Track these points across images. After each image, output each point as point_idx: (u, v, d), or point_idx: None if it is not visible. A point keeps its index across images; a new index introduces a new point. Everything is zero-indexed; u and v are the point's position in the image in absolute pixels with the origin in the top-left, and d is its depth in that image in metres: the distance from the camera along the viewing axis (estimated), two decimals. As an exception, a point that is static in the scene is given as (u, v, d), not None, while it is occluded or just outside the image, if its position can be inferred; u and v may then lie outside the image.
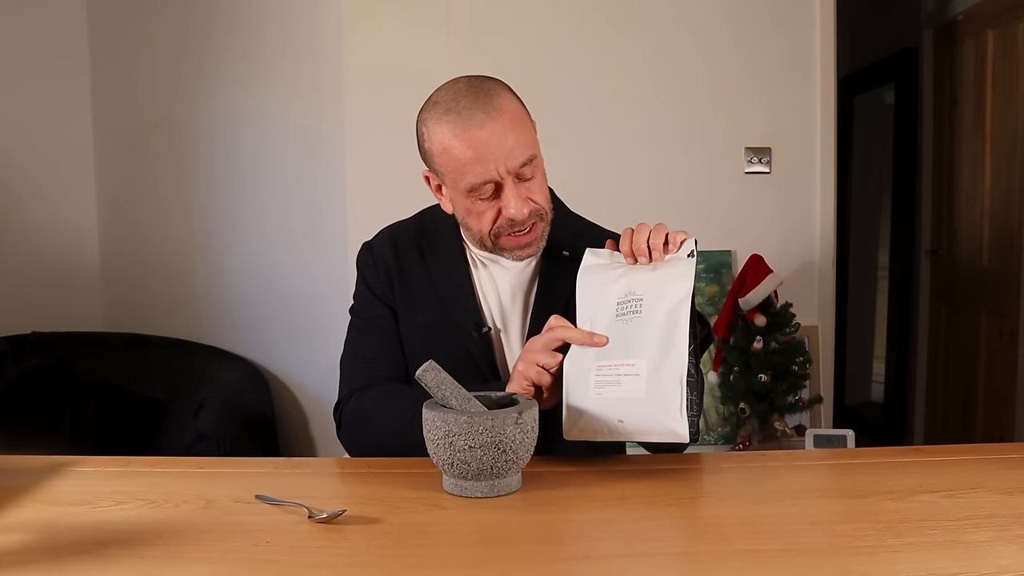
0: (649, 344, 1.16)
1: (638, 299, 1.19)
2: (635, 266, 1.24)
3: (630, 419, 1.14)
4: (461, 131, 1.23)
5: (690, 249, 1.22)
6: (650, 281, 1.20)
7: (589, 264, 1.28)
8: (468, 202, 1.29)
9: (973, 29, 3.50)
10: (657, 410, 1.13)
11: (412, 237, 1.45)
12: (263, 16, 3.09)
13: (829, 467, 1.28)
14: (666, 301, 1.17)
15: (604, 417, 1.16)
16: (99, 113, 3.48)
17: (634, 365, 1.15)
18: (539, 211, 1.31)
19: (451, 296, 1.38)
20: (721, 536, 0.97)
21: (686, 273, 1.19)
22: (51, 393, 3.02)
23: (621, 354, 1.17)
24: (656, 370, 1.14)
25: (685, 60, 2.90)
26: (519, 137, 1.25)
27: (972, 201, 3.53)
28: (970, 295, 3.57)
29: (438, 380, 1.13)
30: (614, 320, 1.20)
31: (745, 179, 2.93)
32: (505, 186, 1.26)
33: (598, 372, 1.17)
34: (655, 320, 1.17)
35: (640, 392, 1.14)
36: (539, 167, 1.30)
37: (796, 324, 2.77)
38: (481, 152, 1.23)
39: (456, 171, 1.26)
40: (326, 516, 1.00)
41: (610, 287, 1.22)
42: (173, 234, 3.36)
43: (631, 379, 1.15)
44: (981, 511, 1.02)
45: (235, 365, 3.05)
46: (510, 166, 1.24)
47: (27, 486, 1.15)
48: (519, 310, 1.39)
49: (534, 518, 1.04)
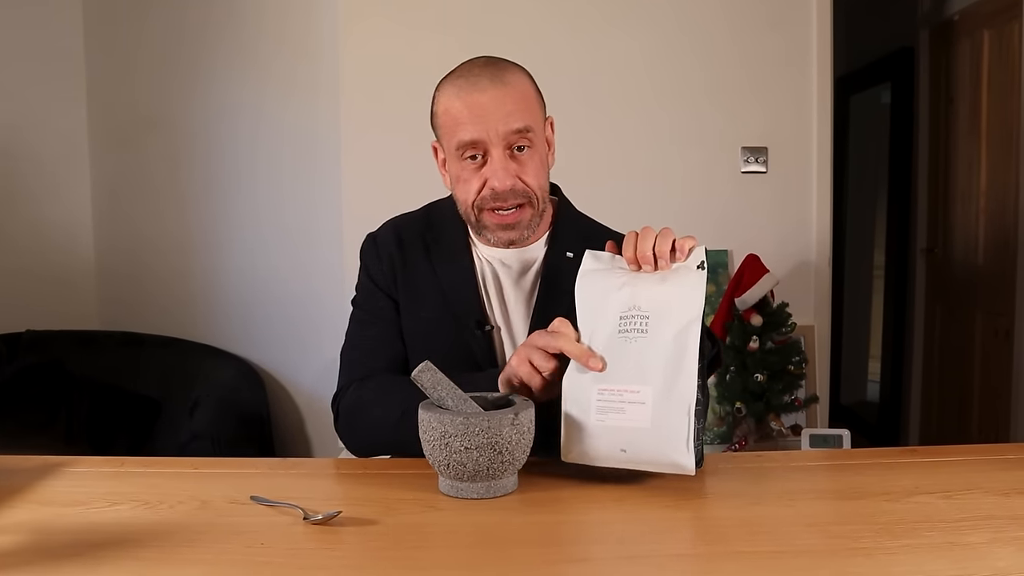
0: (656, 370, 1.10)
1: (643, 316, 1.12)
2: (639, 274, 1.17)
3: (633, 449, 1.10)
4: (464, 93, 1.26)
5: (700, 259, 1.15)
6: (657, 296, 1.13)
7: (589, 268, 1.21)
8: (458, 167, 1.30)
9: (969, 29, 3.50)
10: (662, 442, 1.08)
11: (418, 230, 1.44)
12: (260, 14, 3.08)
13: (826, 468, 1.28)
14: (675, 321, 1.11)
15: (606, 444, 1.11)
16: (94, 110, 3.47)
17: (639, 392, 1.10)
18: (526, 192, 1.30)
19: (454, 291, 1.37)
20: (718, 537, 0.97)
21: (696, 288, 1.13)
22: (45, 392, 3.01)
23: (625, 378, 1.11)
24: (663, 399, 1.09)
25: (681, 59, 2.90)
26: (518, 107, 1.26)
27: (968, 201, 3.54)
28: (965, 294, 3.57)
29: (434, 381, 1.12)
30: (616, 336, 1.13)
31: (741, 178, 2.93)
32: (493, 154, 1.27)
33: (600, 396, 1.11)
34: (663, 342, 1.10)
35: (645, 422, 1.09)
36: (535, 147, 1.30)
37: (792, 324, 2.77)
38: (476, 113, 1.25)
39: (450, 129, 1.28)
40: (321, 517, 1.00)
41: (612, 297, 1.16)
42: (168, 232, 3.35)
43: (636, 407, 1.10)
44: (978, 512, 1.02)
45: (230, 364, 3.04)
46: (502, 130, 1.25)
47: (20, 487, 1.14)
48: (522, 309, 1.38)
49: (531, 519, 1.03)
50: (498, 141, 1.26)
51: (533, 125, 1.29)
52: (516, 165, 1.28)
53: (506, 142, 1.27)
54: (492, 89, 1.26)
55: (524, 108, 1.28)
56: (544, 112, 1.35)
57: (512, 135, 1.27)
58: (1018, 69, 3.13)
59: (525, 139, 1.28)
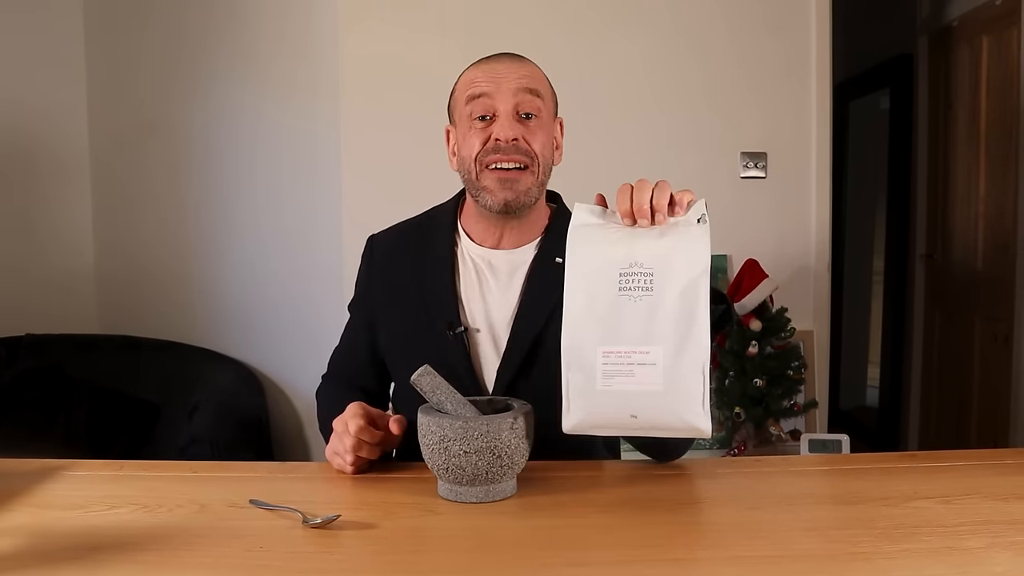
0: (665, 328, 1.04)
1: (646, 273, 1.05)
2: (636, 229, 1.10)
3: (645, 414, 1.04)
4: (483, 63, 1.35)
5: (700, 213, 1.09)
6: (658, 251, 1.07)
7: (581, 222, 1.13)
8: (466, 125, 1.34)
9: (968, 35, 3.51)
10: (677, 404, 1.03)
11: (410, 232, 1.47)
12: (259, 18, 3.09)
13: (824, 473, 1.28)
14: (680, 277, 1.05)
15: (613, 411, 1.05)
16: (95, 114, 3.47)
17: (649, 353, 1.04)
18: (529, 153, 1.32)
19: (431, 292, 1.38)
20: (717, 542, 0.97)
21: (700, 241, 1.06)
22: (45, 396, 3.01)
23: (632, 339, 1.04)
24: (675, 359, 1.03)
25: (681, 65, 2.90)
26: (532, 76, 1.34)
27: (966, 206, 3.54)
28: (964, 300, 3.57)
29: (433, 385, 1.12)
30: (617, 295, 1.06)
31: (741, 184, 2.93)
32: (500, 111, 1.31)
33: (605, 359, 1.04)
34: (669, 299, 1.04)
35: (658, 384, 1.03)
36: (543, 120, 1.34)
37: (791, 329, 2.78)
38: (489, 75, 1.32)
39: (463, 91, 1.34)
40: (320, 521, 1.00)
41: (608, 253, 1.08)
42: (168, 236, 3.35)
43: (646, 369, 1.03)
44: (976, 517, 1.02)
45: (229, 368, 3.04)
46: (512, 87, 1.31)
47: (19, 490, 1.14)
48: (505, 312, 1.36)
49: (529, 524, 1.03)
50: (508, 98, 1.31)
51: (543, 94, 1.34)
52: (522, 127, 1.32)
53: (516, 100, 1.31)
54: (508, 62, 1.34)
55: (537, 79, 1.35)
56: (556, 107, 1.40)
57: (522, 93, 1.31)
58: (1016, 75, 3.13)
59: (534, 104, 1.32)
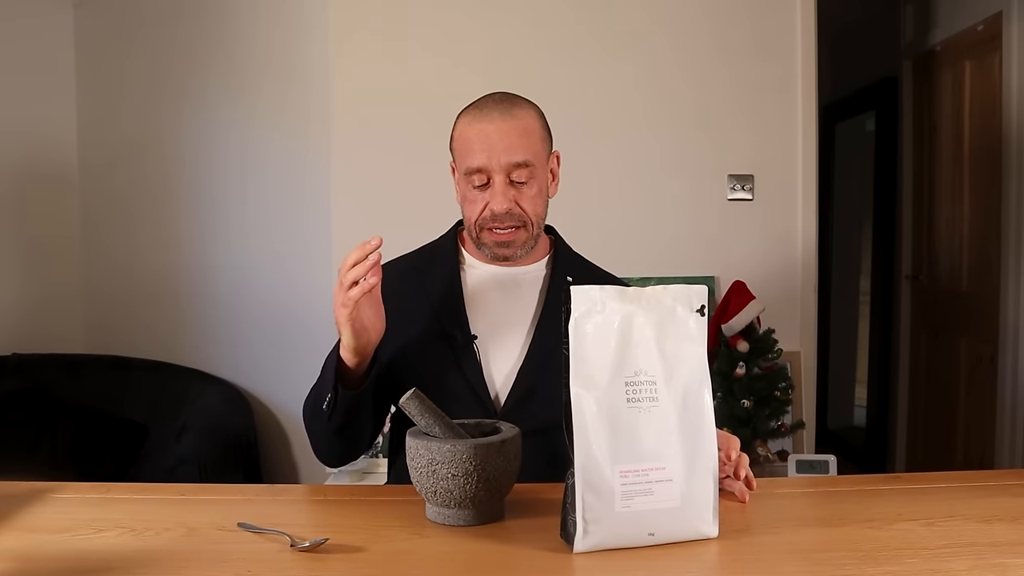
0: (675, 440, 1.03)
1: (650, 381, 1.04)
2: (633, 317, 1.05)
3: (662, 530, 1.02)
4: (475, 121, 1.41)
5: (702, 303, 1.08)
6: (659, 353, 1.05)
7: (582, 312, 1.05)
8: (466, 186, 1.43)
9: (951, 59, 3.56)
10: (691, 516, 1.03)
11: (417, 258, 1.55)
12: (249, 37, 3.10)
13: (809, 495, 1.29)
14: (682, 378, 1.05)
15: (632, 530, 1.01)
16: (84, 132, 3.47)
17: (665, 469, 1.02)
18: (521, 217, 1.42)
19: (443, 303, 1.46)
20: (703, 565, 0.98)
21: (697, 339, 1.07)
22: (31, 417, 2.99)
23: (646, 455, 1.02)
24: (689, 472, 1.03)
25: (668, 87, 2.93)
26: (521, 141, 1.40)
27: (951, 227, 3.58)
28: (950, 321, 3.60)
29: (421, 408, 1.13)
30: (626, 406, 1.03)
31: (728, 205, 2.95)
32: (495, 180, 1.40)
33: (623, 479, 1.01)
34: (675, 406, 1.04)
35: (675, 500, 1.02)
36: (536, 179, 1.42)
37: (778, 350, 2.79)
38: (483, 142, 1.39)
39: (461, 153, 1.43)
40: (308, 545, 1.00)
41: (611, 356, 1.04)
42: (156, 255, 3.35)
43: (664, 486, 1.02)
44: (959, 539, 1.03)
45: (217, 388, 3.03)
46: (503, 161, 1.38)
47: (5, 513, 1.14)
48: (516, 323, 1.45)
49: (517, 547, 1.04)
50: (500, 169, 1.39)
51: (534, 159, 1.41)
52: (515, 191, 1.41)
53: (507, 171, 1.39)
54: (500, 121, 1.40)
55: (527, 143, 1.40)
56: (550, 146, 1.48)
57: (512, 166, 1.39)
58: (999, 98, 3.18)
59: (524, 171, 1.40)
